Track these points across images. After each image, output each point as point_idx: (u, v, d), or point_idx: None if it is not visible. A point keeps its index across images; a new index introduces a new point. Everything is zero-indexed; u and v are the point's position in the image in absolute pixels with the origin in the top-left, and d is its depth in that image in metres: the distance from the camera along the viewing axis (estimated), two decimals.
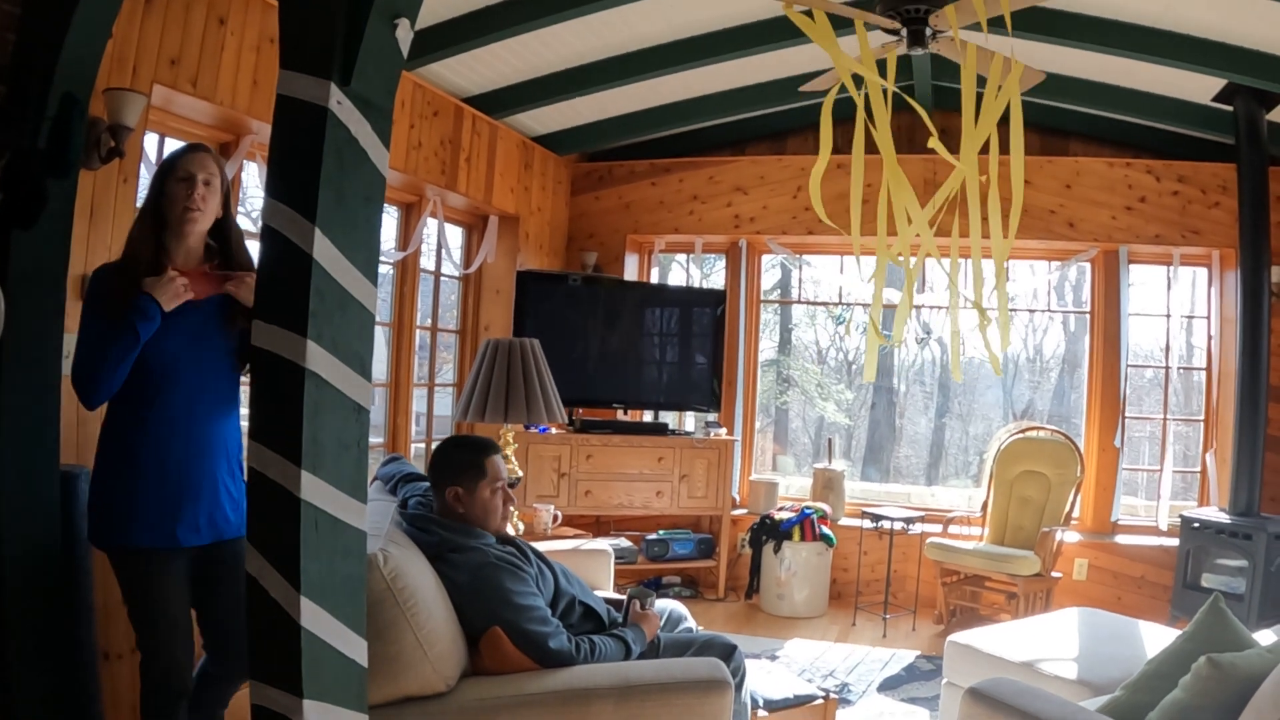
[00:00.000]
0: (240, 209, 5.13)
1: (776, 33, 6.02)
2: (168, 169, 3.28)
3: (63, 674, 3.32)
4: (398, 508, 3.58)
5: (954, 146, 4.11)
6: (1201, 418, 7.72)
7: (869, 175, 4.42)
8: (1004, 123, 3.97)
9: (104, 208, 3.99)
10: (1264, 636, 3.70)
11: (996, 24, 3.97)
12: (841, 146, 5.04)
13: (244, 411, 3.20)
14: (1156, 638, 4.47)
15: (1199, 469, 7.67)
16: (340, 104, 2.31)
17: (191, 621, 3.37)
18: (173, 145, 4.72)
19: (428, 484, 3.68)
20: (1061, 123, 7.55)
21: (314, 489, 2.27)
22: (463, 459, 3.52)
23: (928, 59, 6.62)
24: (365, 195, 2.41)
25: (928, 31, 4.27)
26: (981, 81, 4.09)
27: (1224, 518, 6.40)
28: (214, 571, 3.36)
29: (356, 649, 2.42)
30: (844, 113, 4.62)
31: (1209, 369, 7.66)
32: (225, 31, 4.59)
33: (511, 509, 3.65)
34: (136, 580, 3.25)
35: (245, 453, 3.21)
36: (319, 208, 2.27)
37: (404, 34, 2.43)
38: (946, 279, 4.50)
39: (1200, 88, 6.44)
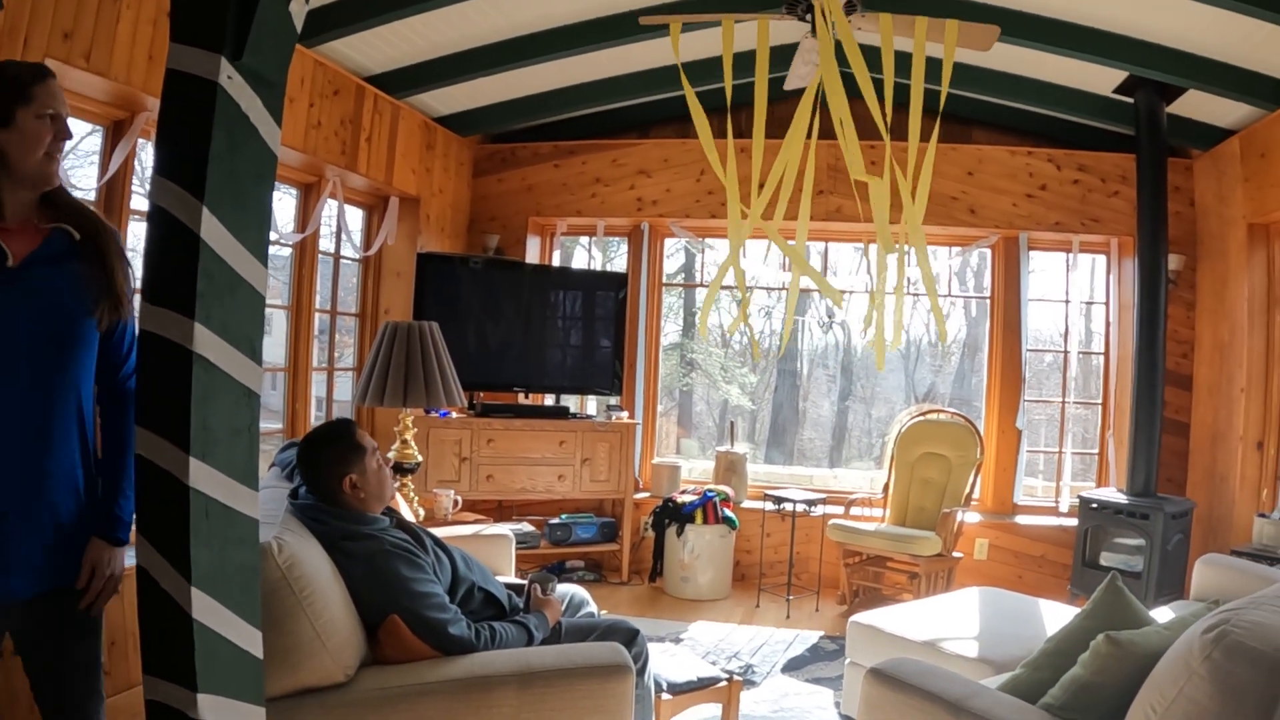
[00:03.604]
0: (138, 189, 4.99)
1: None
2: (18, 95, 2.54)
3: None
4: (289, 497, 3.46)
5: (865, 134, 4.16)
6: (1100, 401, 7.89)
7: (767, 158, 4.45)
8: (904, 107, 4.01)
9: None
10: (1161, 613, 3.78)
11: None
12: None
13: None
14: (1056, 616, 4.55)
15: (1098, 450, 7.83)
16: (231, 79, 2.23)
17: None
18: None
19: None
20: (964, 111, 7.62)
21: (203, 476, 2.20)
22: (338, 448, 3.39)
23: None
24: (256, 174, 2.33)
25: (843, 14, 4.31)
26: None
27: (1122, 498, 6.55)
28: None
29: (251, 640, 2.35)
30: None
31: (1107, 353, 7.83)
32: (121, 4, 4.45)
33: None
34: None
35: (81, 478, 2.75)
36: (208, 186, 2.19)
37: (298, 8, 2.36)
38: (860, 264, 4.56)
39: (1102, 80, 6.57)
